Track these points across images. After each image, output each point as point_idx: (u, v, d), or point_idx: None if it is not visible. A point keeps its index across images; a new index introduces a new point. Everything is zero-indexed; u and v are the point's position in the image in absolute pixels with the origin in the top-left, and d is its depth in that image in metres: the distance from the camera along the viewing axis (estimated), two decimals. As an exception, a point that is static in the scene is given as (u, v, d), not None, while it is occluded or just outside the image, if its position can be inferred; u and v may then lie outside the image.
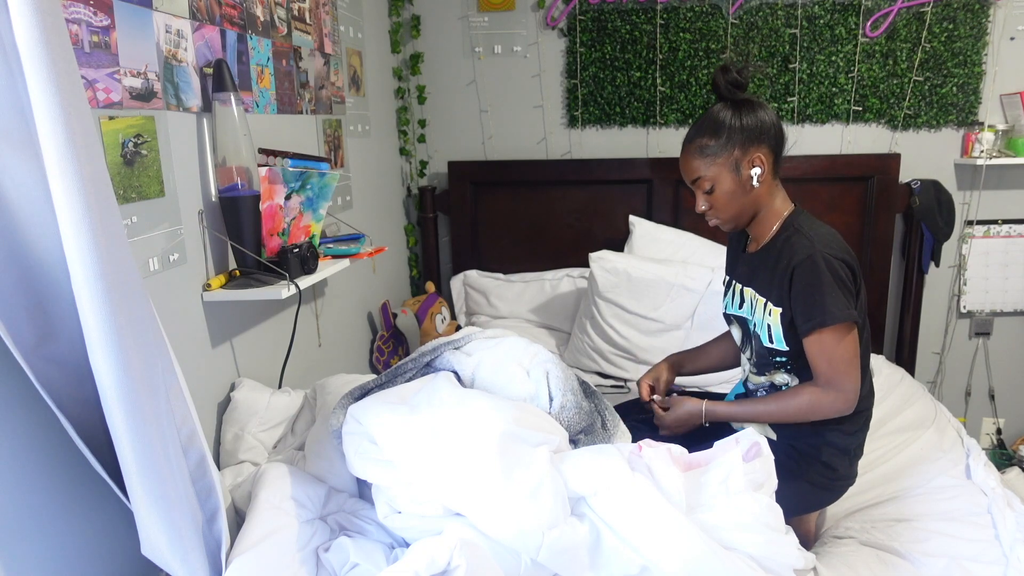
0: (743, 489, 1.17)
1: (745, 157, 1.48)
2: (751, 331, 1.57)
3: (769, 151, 1.49)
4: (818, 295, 1.39)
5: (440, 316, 2.54)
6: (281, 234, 1.63)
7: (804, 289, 1.41)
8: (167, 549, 1.03)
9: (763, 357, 1.55)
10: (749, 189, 1.49)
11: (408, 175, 2.83)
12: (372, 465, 1.23)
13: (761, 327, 1.52)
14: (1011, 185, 2.62)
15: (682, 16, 2.58)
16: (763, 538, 1.14)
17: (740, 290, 1.60)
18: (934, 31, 2.50)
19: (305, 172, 1.64)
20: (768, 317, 1.49)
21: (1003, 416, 2.84)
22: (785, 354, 1.50)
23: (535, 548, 1.08)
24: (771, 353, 1.52)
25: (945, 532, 1.53)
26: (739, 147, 1.47)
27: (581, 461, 1.21)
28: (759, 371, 1.58)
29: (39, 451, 1.06)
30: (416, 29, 2.70)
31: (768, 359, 1.54)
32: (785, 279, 1.44)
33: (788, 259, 1.44)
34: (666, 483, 1.18)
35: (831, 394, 1.44)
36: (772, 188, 1.52)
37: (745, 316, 1.58)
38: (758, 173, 1.48)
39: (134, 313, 0.95)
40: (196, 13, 1.43)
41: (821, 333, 1.40)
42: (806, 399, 1.46)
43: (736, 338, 1.67)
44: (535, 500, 1.10)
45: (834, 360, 1.42)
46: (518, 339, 1.49)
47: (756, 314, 1.53)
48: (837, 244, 1.45)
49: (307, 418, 1.60)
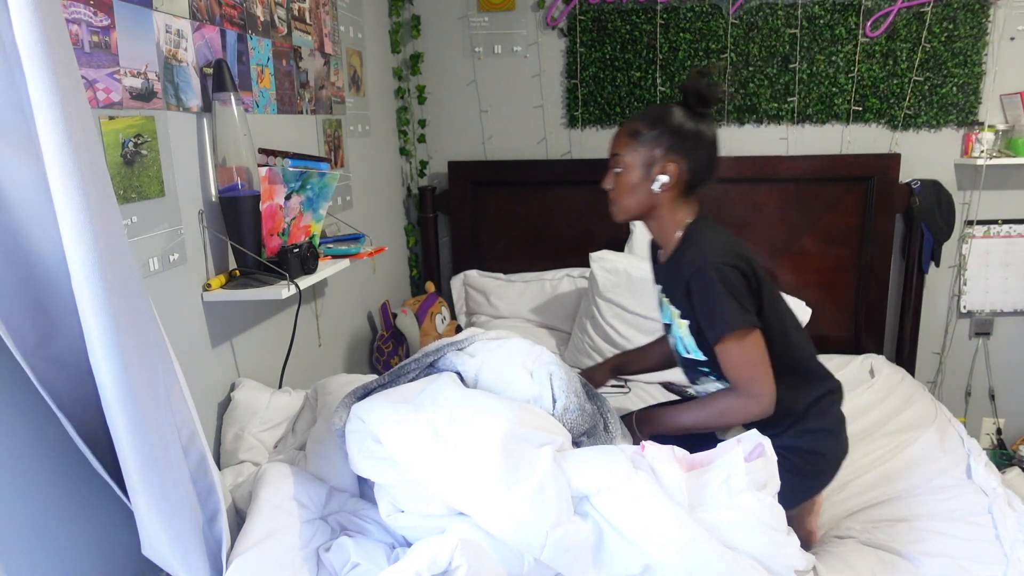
0: (745, 488, 1.17)
1: (661, 160, 1.48)
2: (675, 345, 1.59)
3: (687, 168, 1.48)
4: (713, 305, 1.41)
5: (440, 316, 2.53)
6: (281, 234, 1.63)
7: (700, 301, 1.43)
8: (167, 549, 1.03)
9: (688, 367, 1.58)
10: (648, 192, 1.50)
11: (408, 175, 2.83)
12: (375, 464, 1.23)
13: (677, 339, 1.55)
14: (1011, 185, 2.62)
15: (682, 16, 2.58)
16: (764, 538, 1.14)
17: (661, 299, 1.62)
18: (934, 31, 2.50)
19: (305, 172, 1.64)
20: (679, 330, 1.52)
21: (1003, 416, 2.84)
22: (705, 363, 1.52)
23: (539, 547, 1.08)
24: (692, 363, 1.54)
25: (945, 532, 1.53)
26: (661, 149, 1.48)
27: (584, 460, 1.21)
28: (690, 380, 1.60)
29: (39, 451, 1.06)
30: (416, 29, 2.70)
31: (693, 369, 1.56)
32: (684, 291, 1.45)
33: (684, 271, 1.45)
34: (669, 482, 1.18)
35: (744, 399, 1.44)
36: (675, 202, 1.52)
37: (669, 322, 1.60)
38: (663, 181, 1.48)
39: (134, 313, 0.95)
40: (196, 13, 1.43)
41: (724, 342, 1.42)
42: (721, 405, 1.47)
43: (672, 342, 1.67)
44: (539, 499, 1.10)
45: (739, 366, 1.43)
46: (522, 340, 1.49)
47: (674, 325, 1.55)
48: (728, 250, 1.44)
49: (308, 418, 1.60)
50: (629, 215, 1.56)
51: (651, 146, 1.48)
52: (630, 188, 1.51)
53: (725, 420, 1.49)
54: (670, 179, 1.48)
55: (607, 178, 1.55)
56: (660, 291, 1.63)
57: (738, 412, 1.46)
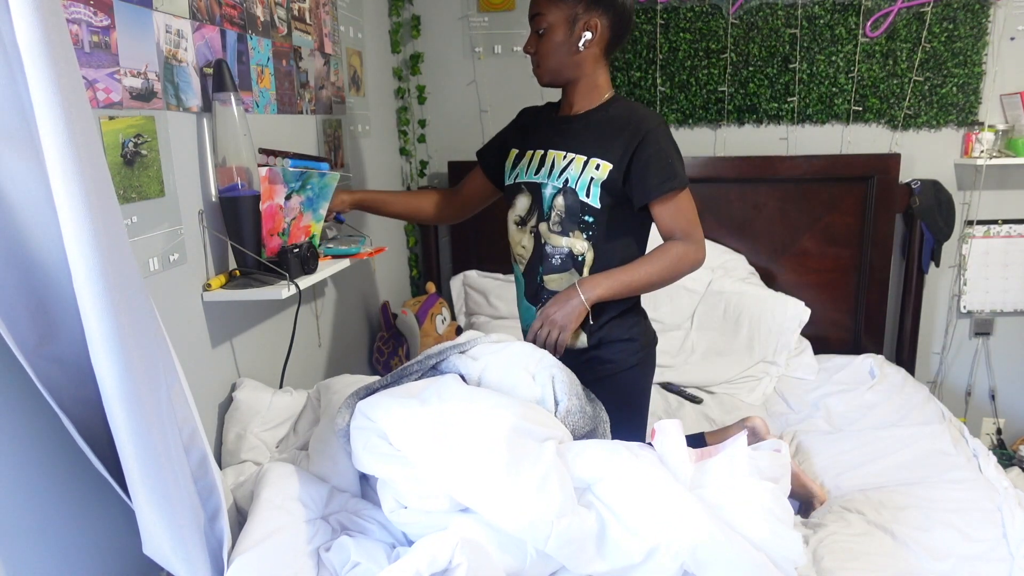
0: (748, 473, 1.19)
1: (584, 16, 1.51)
2: (553, 193, 1.58)
3: (608, 24, 1.53)
4: (671, 160, 1.51)
5: (440, 317, 2.53)
6: (281, 234, 1.63)
7: (657, 153, 1.50)
8: (169, 548, 1.03)
9: (572, 214, 1.57)
10: (575, 51, 1.54)
11: (408, 175, 2.83)
12: (380, 460, 1.24)
13: (581, 182, 1.55)
14: (1011, 185, 2.62)
15: (682, 16, 2.58)
16: (768, 526, 1.15)
17: (540, 156, 1.62)
18: (934, 31, 2.50)
19: (305, 172, 1.64)
20: (594, 171, 1.54)
21: (1003, 416, 2.84)
22: (593, 212, 1.55)
23: (543, 538, 1.09)
24: (582, 210, 1.56)
25: (953, 524, 1.55)
26: (583, 5, 1.51)
27: (585, 449, 1.24)
28: (563, 231, 1.59)
29: (41, 451, 1.06)
30: (416, 29, 2.70)
31: (578, 216, 1.57)
32: (634, 140, 1.51)
33: (637, 123, 1.52)
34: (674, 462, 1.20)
35: (692, 245, 1.55)
36: (598, 62, 1.58)
37: (541, 181, 1.60)
38: (588, 37, 1.53)
39: (135, 313, 0.95)
40: (196, 13, 1.43)
41: (676, 194, 1.52)
42: (672, 253, 1.54)
43: (520, 209, 1.66)
44: (543, 490, 1.12)
45: (689, 216, 1.55)
46: (523, 344, 1.50)
47: (570, 171, 1.56)
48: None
49: (309, 418, 1.60)
50: (555, 77, 1.59)
51: (573, 2, 1.51)
52: (555, 47, 1.54)
53: (678, 268, 1.55)
54: (593, 35, 1.52)
55: (529, 41, 1.58)
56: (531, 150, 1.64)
57: (690, 258, 1.55)
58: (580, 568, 1.14)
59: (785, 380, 2.45)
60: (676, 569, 1.12)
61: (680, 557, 1.11)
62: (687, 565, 1.12)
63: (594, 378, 1.55)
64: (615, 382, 1.60)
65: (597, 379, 1.56)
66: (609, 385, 1.57)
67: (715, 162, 2.63)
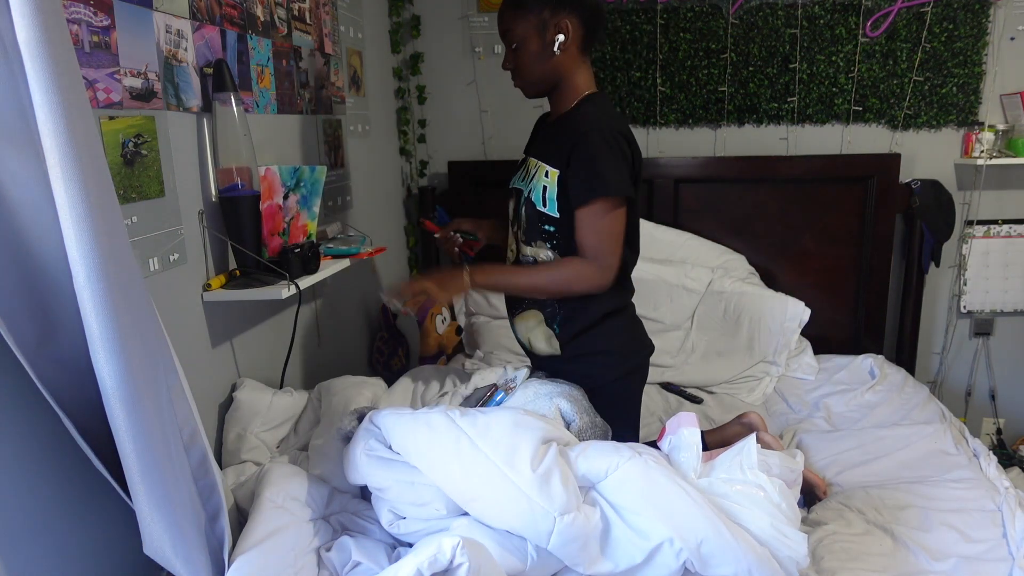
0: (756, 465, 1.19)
1: (552, 20, 1.48)
2: (522, 199, 1.57)
3: (579, 22, 1.48)
4: (601, 165, 1.42)
5: (440, 317, 2.53)
6: (281, 234, 1.63)
7: (587, 157, 1.43)
8: (169, 548, 1.03)
9: (533, 223, 1.54)
10: (550, 55, 1.49)
11: (408, 175, 2.83)
12: (378, 465, 1.25)
13: (536, 191, 1.52)
14: (1011, 185, 2.62)
15: (682, 16, 2.58)
16: (774, 523, 1.16)
17: (525, 163, 1.62)
18: (934, 31, 2.50)
19: (298, 169, 1.65)
20: (545, 179, 1.50)
21: (1003, 416, 2.84)
22: (553, 222, 1.50)
23: (546, 533, 1.09)
24: (540, 219, 1.52)
25: (953, 524, 1.55)
26: (549, 9, 1.47)
27: (588, 447, 1.24)
28: (528, 240, 1.57)
29: (41, 451, 1.06)
30: (416, 29, 2.70)
31: (537, 225, 1.53)
32: (568, 144, 1.45)
33: (575, 127, 1.46)
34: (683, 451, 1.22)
35: (593, 267, 1.46)
36: (576, 62, 1.52)
37: (521, 188, 1.59)
38: (561, 40, 1.48)
39: (136, 313, 0.95)
40: (196, 13, 1.43)
41: (595, 204, 1.43)
42: (569, 269, 1.48)
43: (511, 214, 1.66)
44: (546, 487, 1.12)
45: (602, 233, 1.44)
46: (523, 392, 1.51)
47: (535, 179, 1.54)
48: (624, 124, 1.49)
49: (310, 418, 1.60)
50: (539, 87, 1.56)
51: (537, 10, 1.48)
52: (532, 58, 1.51)
53: (570, 286, 1.49)
54: (566, 36, 1.48)
55: (506, 58, 1.55)
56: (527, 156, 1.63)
57: (586, 279, 1.47)
58: (584, 568, 1.13)
59: (785, 380, 2.45)
60: (679, 566, 1.12)
61: (684, 554, 1.11)
62: (692, 562, 1.12)
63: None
64: (598, 396, 1.55)
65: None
66: (592, 398, 1.53)
67: (715, 162, 2.63)
